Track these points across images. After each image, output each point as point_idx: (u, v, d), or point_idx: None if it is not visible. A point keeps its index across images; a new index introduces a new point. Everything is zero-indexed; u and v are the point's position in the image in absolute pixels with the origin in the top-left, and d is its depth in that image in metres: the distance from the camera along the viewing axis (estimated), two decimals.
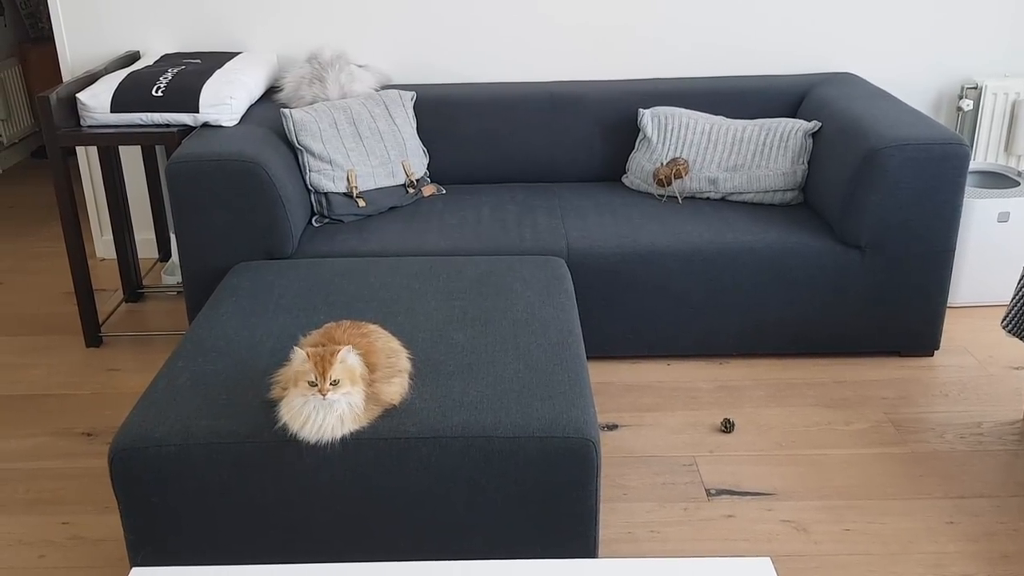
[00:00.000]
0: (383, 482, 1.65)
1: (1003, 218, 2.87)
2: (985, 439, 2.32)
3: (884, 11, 3.24)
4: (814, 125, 2.83)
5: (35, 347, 2.90)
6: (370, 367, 1.66)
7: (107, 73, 2.90)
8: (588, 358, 2.72)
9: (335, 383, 1.56)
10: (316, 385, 1.56)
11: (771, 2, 3.22)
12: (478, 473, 1.64)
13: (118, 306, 3.15)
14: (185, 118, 2.68)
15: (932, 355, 2.72)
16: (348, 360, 1.58)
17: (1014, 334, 2.29)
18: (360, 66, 3.08)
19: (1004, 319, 2.32)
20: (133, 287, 3.18)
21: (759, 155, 2.84)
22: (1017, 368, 2.65)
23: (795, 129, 2.84)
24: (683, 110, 2.97)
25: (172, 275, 3.28)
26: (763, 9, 3.22)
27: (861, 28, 3.25)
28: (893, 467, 2.22)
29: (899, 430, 2.36)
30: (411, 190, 2.86)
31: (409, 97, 2.96)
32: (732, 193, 2.85)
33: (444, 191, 2.98)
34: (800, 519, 2.05)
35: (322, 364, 1.55)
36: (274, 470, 1.64)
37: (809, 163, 2.82)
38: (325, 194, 2.70)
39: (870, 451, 2.28)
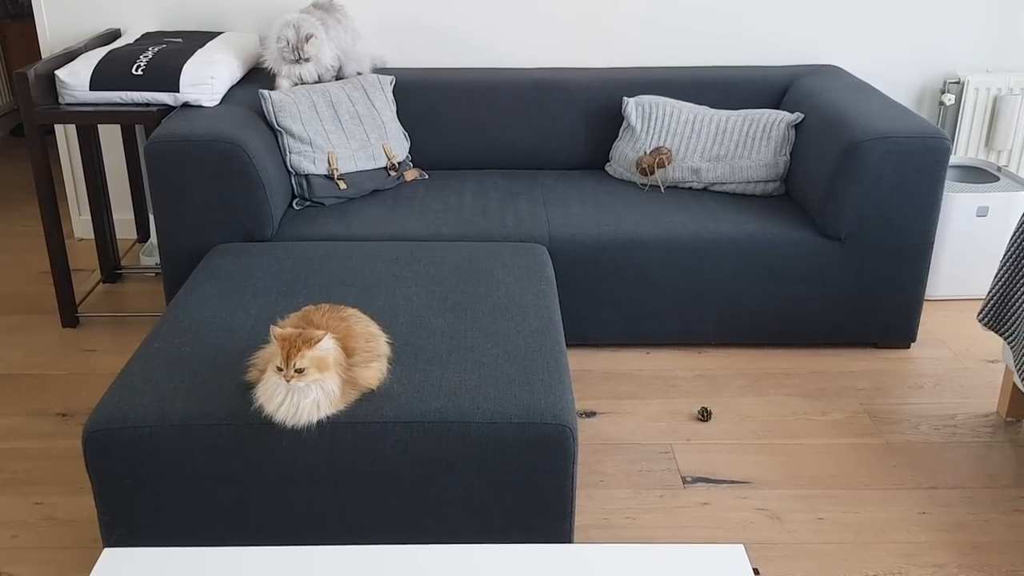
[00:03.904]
0: (360, 466, 1.64)
1: (982, 212, 2.89)
2: (959, 431, 2.35)
3: (869, 5, 3.24)
4: (797, 117, 2.83)
5: (11, 327, 2.87)
6: (348, 351, 1.65)
7: (87, 50, 2.87)
8: (568, 345, 2.73)
9: (299, 371, 1.54)
10: (283, 370, 1.55)
11: None
12: (455, 458, 1.64)
13: (95, 286, 3.12)
14: (165, 97, 2.65)
15: (908, 347, 2.74)
16: (320, 348, 1.56)
17: (990, 327, 2.31)
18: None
19: (980, 312, 2.34)
20: (111, 268, 3.15)
21: (742, 145, 2.84)
22: (992, 361, 2.68)
23: (778, 120, 2.85)
24: (667, 99, 2.97)
25: (150, 256, 3.26)
26: (749, 0, 3.23)
27: (846, 21, 3.26)
28: (868, 458, 2.24)
29: (874, 421, 2.38)
30: (392, 173, 2.85)
31: (388, 81, 2.94)
32: (714, 183, 2.85)
33: (427, 176, 2.97)
34: (775, 508, 2.06)
35: (287, 350, 1.54)
36: (250, 453, 1.63)
37: (791, 154, 2.82)
38: (306, 176, 2.68)
39: (845, 441, 2.30)
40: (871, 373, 2.61)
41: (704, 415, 2.38)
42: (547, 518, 1.69)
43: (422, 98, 3.02)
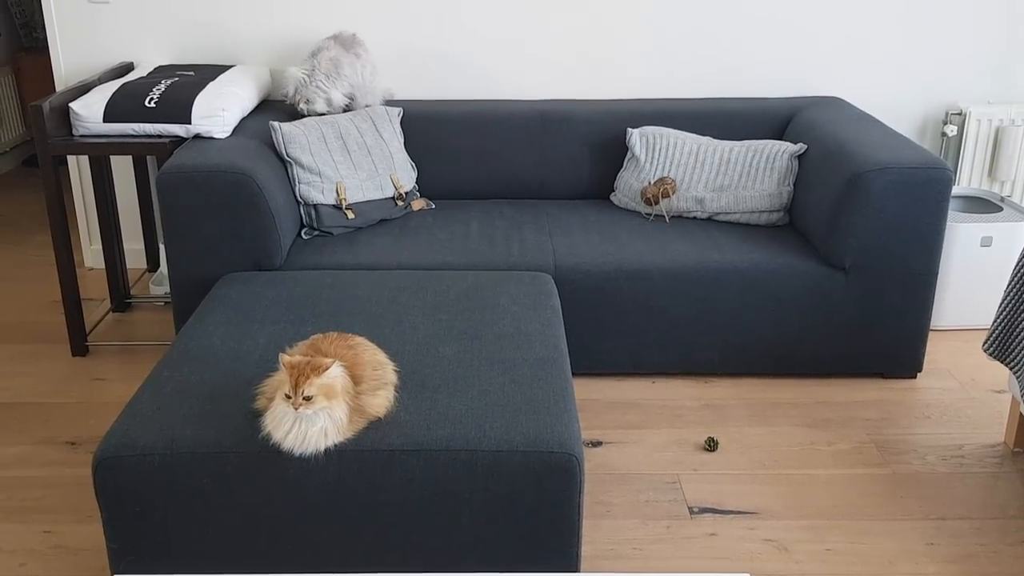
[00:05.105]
0: (367, 494, 1.65)
1: (986, 242, 2.90)
2: (966, 461, 2.34)
3: (871, 36, 3.28)
4: (800, 147, 2.86)
5: (21, 355, 2.89)
6: (356, 379, 1.66)
7: (101, 83, 2.92)
8: (573, 374, 2.73)
9: (308, 399, 1.56)
10: (291, 398, 1.57)
11: (760, 26, 3.26)
12: (461, 486, 1.64)
13: (105, 316, 3.14)
14: (177, 129, 2.69)
15: (915, 377, 2.74)
16: (328, 376, 1.57)
17: (996, 357, 2.31)
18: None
19: (986, 342, 2.34)
20: (121, 297, 3.18)
21: (746, 176, 2.87)
22: (999, 391, 2.67)
23: (781, 151, 2.87)
24: (671, 130, 3.00)
25: (160, 285, 3.28)
26: (752, 33, 3.27)
27: (848, 53, 3.30)
28: (875, 488, 2.23)
29: (881, 451, 2.38)
30: (400, 203, 2.88)
31: (396, 113, 2.99)
32: (719, 213, 2.87)
33: (433, 205, 3.00)
34: (782, 538, 2.06)
35: (296, 378, 1.55)
36: (258, 480, 1.64)
37: (795, 185, 2.85)
38: (314, 206, 2.71)
39: (852, 472, 2.29)
40: (878, 403, 2.61)
41: (711, 445, 2.38)
42: (554, 548, 1.69)
43: (429, 129, 3.06)
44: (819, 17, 3.25)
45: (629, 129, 3.01)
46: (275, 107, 3.09)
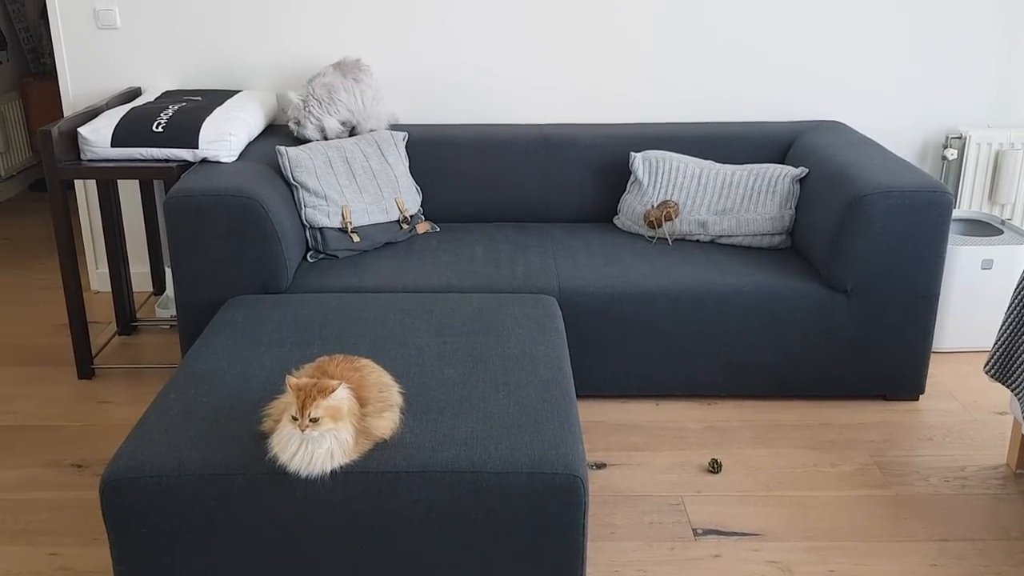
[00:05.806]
0: (372, 515, 1.66)
1: (987, 265, 2.92)
2: (969, 483, 2.34)
3: (872, 61, 3.32)
4: (801, 171, 2.89)
5: (27, 378, 2.91)
6: (361, 401, 1.68)
7: (108, 108, 2.95)
8: (578, 397, 2.74)
9: (314, 420, 1.57)
10: (298, 420, 1.58)
11: (761, 51, 3.30)
12: (466, 508, 1.65)
13: (111, 339, 3.16)
14: (185, 154, 2.72)
15: (917, 399, 2.75)
16: (334, 398, 1.59)
17: (997, 379, 2.32)
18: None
19: (987, 364, 2.35)
20: (127, 320, 3.20)
21: (748, 199, 2.89)
22: (1001, 413, 2.68)
23: (783, 175, 2.90)
24: (674, 154, 3.03)
25: (166, 309, 3.30)
26: (753, 58, 3.30)
27: (849, 78, 3.33)
28: (878, 509, 2.23)
29: (884, 473, 2.38)
30: (405, 226, 2.90)
31: (401, 137, 3.02)
32: (721, 236, 2.89)
33: (438, 228, 3.02)
34: (786, 560, 2.06)
35: (303, 400, 1.57)
36: (264, 502, 1.65)
37: (796, 208, 2.87)
38: (320, 229, 2.74)
39: (855, 493, 2.30)
40: (880, 425, 2.61)
41: (714, 467, 2.38)
42: (558, 569, 1.70)
43: (434, 153, 3.09)
44: (820, 42, 3.29)
45: (632, 153, 3.04)
46: (281, 131, 3.13)
